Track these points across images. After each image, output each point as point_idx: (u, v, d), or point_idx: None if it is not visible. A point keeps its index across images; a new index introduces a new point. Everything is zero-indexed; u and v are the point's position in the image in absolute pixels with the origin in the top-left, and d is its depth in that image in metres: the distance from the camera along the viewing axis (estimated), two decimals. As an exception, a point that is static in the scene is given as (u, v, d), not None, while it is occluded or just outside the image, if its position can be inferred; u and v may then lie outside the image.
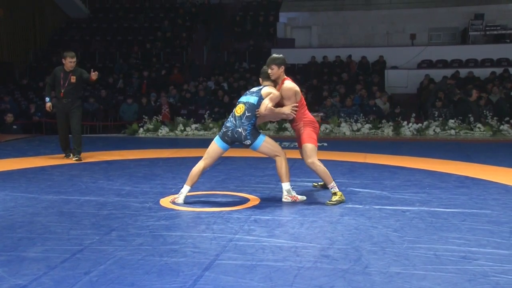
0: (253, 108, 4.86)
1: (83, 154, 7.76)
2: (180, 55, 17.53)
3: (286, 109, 4.94)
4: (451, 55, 16.40)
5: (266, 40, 18.05)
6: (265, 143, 4.92)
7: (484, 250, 3.56)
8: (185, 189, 4.96)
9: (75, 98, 7.67)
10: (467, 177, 6.28)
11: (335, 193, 4.98)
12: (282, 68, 5.05)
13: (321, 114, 5.45)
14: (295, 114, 4.98)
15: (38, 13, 18.78)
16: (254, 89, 5.03)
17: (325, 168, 5.04)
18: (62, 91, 7.58)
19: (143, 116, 12.33)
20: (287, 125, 11.58)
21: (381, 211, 4.66)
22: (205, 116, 12.25)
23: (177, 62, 17.04)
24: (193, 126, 11.97)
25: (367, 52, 16.39)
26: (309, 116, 5.19)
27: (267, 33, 18.28)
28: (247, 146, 4.95)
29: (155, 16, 19.57)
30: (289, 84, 5.01)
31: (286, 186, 5.01)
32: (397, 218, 4.39)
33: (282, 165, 4.95)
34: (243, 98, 4.97)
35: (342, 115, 12.30)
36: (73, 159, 7.60)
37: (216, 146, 4.96)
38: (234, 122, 4.88)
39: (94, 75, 7.52)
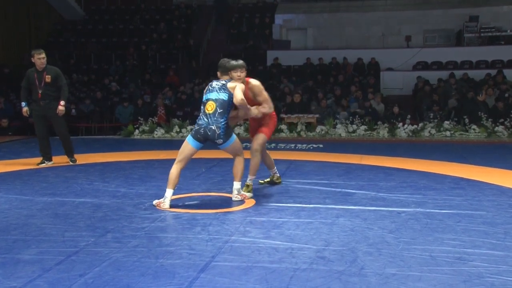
0: (224, 104, 4.85)
1: (78, 156, 7.73)
2: (176, 56, 17.52)
3: (255, 110, 5.12)
4: (446, 57, 16.46)
5: (262, 42, 18.07)
6: (233, 144, 4.96)
7: (479, 251, 3.57)
8: (169, 193, 4.83)
9: (52, 100, 7.25)
10: (462, 179, 6.29)
11: (247, 185, 5.31)
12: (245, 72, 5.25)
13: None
14: (260, 115, 5.19)
15: (33, 15, 18.71)
16: (217, 84, 4.99)
17: (259, 163, 5.33)
18: (40, 92, 7.20)
19: (139, 117, 12.32)
20: (283, 126, 11.60)
21: (377, 212, 4.66)
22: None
23: (173, 64, 17.03)
24: (189, 127, 11.95)
25: (363, 54, 16.42)
26: (273, 112, 5.51)
27: (262, 35, 18.29)
28: (217, 145, 4.94)
29: (151, 18, 19.55)
30: (256, 81, 5.27)
31: (237, 185, 5.08)
32: (392, 220, 4.40)
33: (239, 164, 5.03)
34: (211, 95, 4.94)
35: (338, 116, 12.32)
36: (70, 162, 7.48)
37: (188, 145, 4.91)
38: (206, 119, 4.85)
39: (60, 111, 7.23)
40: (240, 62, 5.13)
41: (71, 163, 7.47)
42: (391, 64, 16.21)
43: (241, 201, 5.09)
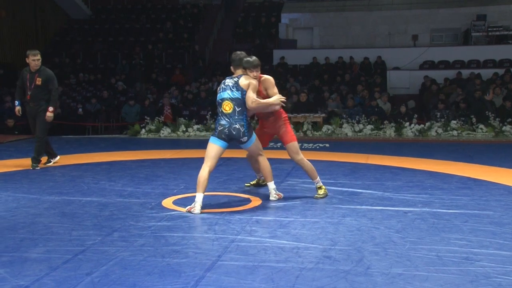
0: (241, 102, 4.82)
1: (84, 155, 7.74)
2: (182, 56, 17.54)
3: (274, 99, 4.95)
4: (453, 56, 16.37)
5: (268, 41, 18.06)
6: (256, 142, 5.02)
7: (486, 251, 3.56)
8: (200, 197, 4.68)
9: (41, 101, 7.03)
10: (469, 178, 6.27)
11: (320, 187, 5.27)
12: None
13: None
14: (283, 104, 5.07)
15: (40, 14, 18.80)
16: (230, 82, 4.90)
17: (311, 164, 5.29)
18: (29, 93, 7.02)
19: (145, 117, 12.35)
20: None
21: (383, 212, 4.65)
22: (207, 117, 12.26)
23: (179, 63, 17.05)
24: (195, 127, 11.98)
25: (369, 53, 16.37)
26: (284, 112, 5.39)
27: (269, 34, 18.28)
28: (242, 143, 4.93)
29: (157, 17, 19.59)
30: (268, 76, 5.17)
31: (272, 185, 5.15)
32: (399, 219, 4.39)
33: (267, 165, 5.11)
34: (225, 94, 4.87)
35: (344, 116, 12.30)
36: (31, 167, 6.99)
37: (215, 146, 4.84)
38: (227, 119, 4.82)
39: (48, 117, 6.98)
40: (255, 62, 4.96)
41: (31, 168, 7.00)
42: (397, 63, 16.15)
43: (247, 200, 5.10)
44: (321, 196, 5.22)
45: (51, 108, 7.05)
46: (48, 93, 7.08)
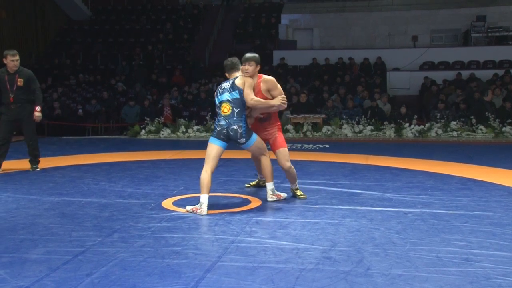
0: (238, 103, 4.81)
1: (85, 156, 7.75)
2: (182, 56, 17.55)
3: (276, 101, 4.97)
4: (453, 57, 16.38)
5: (268, 42, 18.06)
6: (256, 143, 4.97)
7: (486, 252, 3.55)
8: (205, 198, 4.66)
9: (25, 103, 6.86)
10: (469, 179, 6.27)
11: (298, 189, 5.33)
12: (258, 67, 5.06)
13: None
14: (285, 105, 5.03)
15: (40, 15, 18.80)
16: (227, 85, 4.91)
17: (295, 171, 5.30)
18: (12, 96, 6.78)
19: (145, 117, 12.35)
20: (289, 126, 11.59)
21: (383, 213, 4.65)
22: (207, 117, 12.27)
23: (179, 64, 17.06)
24: (195, 127, 11.98)
25: (369, 54, 16.38)
26: (278, 120, 5.36)
27: (269, 35, 18.29)
28: (240, 145, 4.94)
29: (157, 18, 19.60)
30: (268, 76, 5.13)
31: (270, 185, 5.14)
32: (399, 220, 4.39)
33: (268, 165, 5.09)
34: (224, 97, 4.86)
35: (344, 116, 12.31)
36: (31, 169, 6.98)
37: (215, 146, 4.84)
38: (226, 121, 4.83)
39: (37, 117, 6.89)
40: (248, 55, 4.96)
41: (31, 170, 6.98)
42: (397, 64, 16.16)
43: (247, 201, 5.10)
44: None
45: (38, 108, 6.92)
46: (31, 93, 6.93)
